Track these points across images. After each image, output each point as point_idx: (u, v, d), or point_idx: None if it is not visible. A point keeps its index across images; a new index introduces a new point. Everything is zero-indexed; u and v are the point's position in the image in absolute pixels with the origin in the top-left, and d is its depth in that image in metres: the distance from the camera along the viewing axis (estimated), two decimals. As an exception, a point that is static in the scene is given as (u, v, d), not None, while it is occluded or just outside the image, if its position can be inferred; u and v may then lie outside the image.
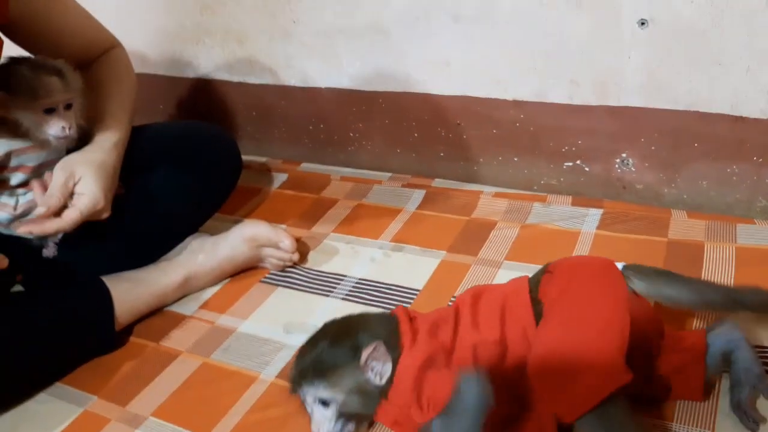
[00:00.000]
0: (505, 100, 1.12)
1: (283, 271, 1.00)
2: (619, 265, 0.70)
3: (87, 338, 0.85)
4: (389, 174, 1.27)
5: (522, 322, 0.66)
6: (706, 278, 0.84)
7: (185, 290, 0.96)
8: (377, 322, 0.70)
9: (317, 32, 1.24)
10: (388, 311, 0.74)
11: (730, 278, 0.86)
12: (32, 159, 0.87)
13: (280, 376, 0.80)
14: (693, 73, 0.96)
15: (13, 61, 0.85)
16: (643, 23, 0.95)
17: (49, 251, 0.87)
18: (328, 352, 0.66)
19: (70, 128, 0.84)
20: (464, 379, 0.60)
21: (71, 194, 0.84)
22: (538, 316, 0.66)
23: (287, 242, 0.96)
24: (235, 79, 1.39)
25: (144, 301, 0.91)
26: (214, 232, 1.02)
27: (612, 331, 0.62)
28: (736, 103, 0.95)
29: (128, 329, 0.90)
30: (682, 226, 0.98)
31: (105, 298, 0.86)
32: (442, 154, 1.24)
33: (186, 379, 0.82)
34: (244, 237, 0.97)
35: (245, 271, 1.01)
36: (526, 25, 1.04)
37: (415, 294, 0.92)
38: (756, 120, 0.94)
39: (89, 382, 0.83)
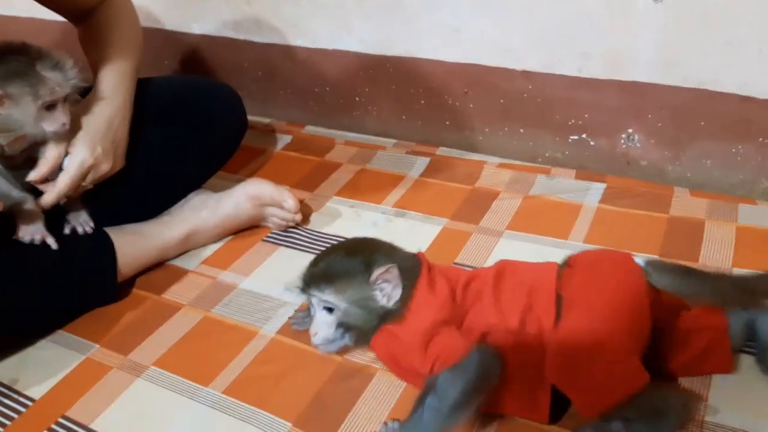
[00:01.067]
0: (514, 71, 1.12)
1: (285, 231, 1.01)
2: (640, 261, 0.68)
3: (89, 288, 0.86)
4: (394, 140, 1.27)
5: (542, 318, 0.66)
6: (726, 271, 0.83)
7: (187, 245, 0.96)
8: (400, 252, 0.73)
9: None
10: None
11: (729, 257, 0.87)
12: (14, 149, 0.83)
13: (280, 332, 0.82)
14: (704, 51, 0.95)
15: (7, 49, 0.79)
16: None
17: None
18: (341, 261, 0.69)
19: (67, 123, 0.81)
20: (483, 349, 0.63)
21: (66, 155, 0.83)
22: (557, 311, 0.66)
23: (291, 202, 0.97)
24: (242, 37, 1.38)
25: (146, 253, 0.91)
26: (217, 190, 1.02)
27: (631, 333, 0.63)
28: (745, 83, 0.95)
29: (130, 281, 0.91)
30: (684, 204, 0.98)
31: (108, 249, 0.87)
32: (447, 123, 1.24)
33: (187, 331, 0.83)
34: (247, 195, 0.97)
35: (247, 229, 1.01)
36: (539, -6, 1.03)
37: (416, 259, 0.93)
38: (764, 101, 0.94)
39: (91, 331, 0.84)
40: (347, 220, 1.03)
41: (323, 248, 0.96)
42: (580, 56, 1.05)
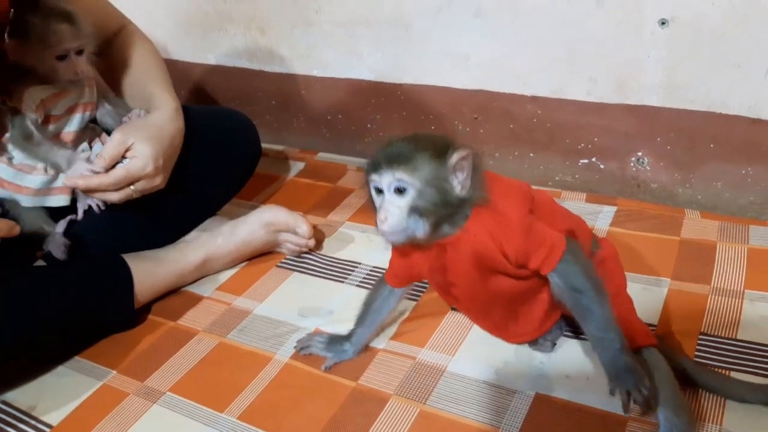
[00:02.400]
0: (523, 96, 1.13)
1: (298, 256, 1.02)
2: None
3: (107, 314, 0.88)
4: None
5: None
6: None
7: (203, 271, 0.98)
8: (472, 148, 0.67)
9: (339, 22, 1.25)
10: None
11: (742, 279, 0.87)
12: (63, 105, 0.89)
13: (294, 357, 0.82)
14: (712, 74, 0.96)
15: (25, 7, 0.85)
16: (663, 23, 0.96)
17: (60, 227, 0.90)
18: (416, 143, 0.64)
19: (81, 72, 0.87)
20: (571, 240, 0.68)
21: (123, 157, 0.87)
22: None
23: (304, 228, 0.98)
24: (256, 67, 1.41)
25: (163, 280, 0.93)
26: (232, 216, 1.04)
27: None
28: (754, 105, 0.95)
29: (147, 307, 0.93)
30: (696, 226, 0.98)
31: (125, 275, 0.89)
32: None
33: (203, 357, 0.84)
34: (262, 221, 0.99)
35: (262, 255, 1.03)
36: (547, 20, 1.05)
37: (427, 283, 0.93)
38: (773, 123, 0.95)
39: (108, 357, 0.86)
40: (360, 244, 1.05)
41: (336, 273, 0.98)
42: (589, 80, 1.06)
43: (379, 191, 0.64)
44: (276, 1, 1.30)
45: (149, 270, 0.91)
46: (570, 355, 0.78)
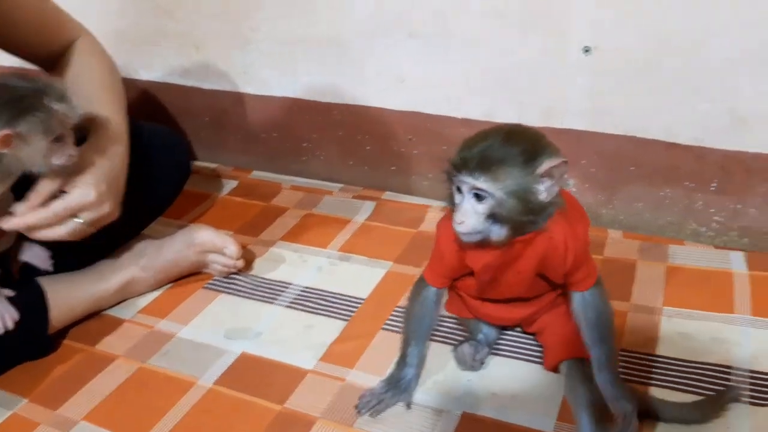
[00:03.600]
0: (455, 118, 1.15)
1: (227, 277, 1.00)
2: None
3: (18, 341, 0.82)
4: (341, 185, 1.28)
5: None
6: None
7: (124, 294, 0.94)
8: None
9: (276, 41, 1.24)
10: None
11: (660, 296, 0.90)
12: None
13: (219, 381, 0.80)
14: (632, 99, 1.01)
15: (12, 82, 0.74)
16: (587, 50, 1.00)
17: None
18: (501, 147, 0.61)
19: (74, 155, 0.78)
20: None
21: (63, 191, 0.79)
22: None
23: (232, 248, 0.96)
24: (190, 83, 1.38)
25: (80, 304, 0.89)
26: (158, 236, 1.00)
27: None
28: (670, 130, 1.00)
29: (62, 332, 0.88)
30: (617, 246, 1.02)
31: (39, 300, 0.84)
32: (393, 168, 1.26)
33: (120, 383, 0.80)
34: (188, 242, 0.96)
35: (189, 276, 1.00)
36: (478, 46, 1.07)
37: (360, 302, 0.93)
38: (688, 147, 1.00)
39: (19, 385, 0.81)
40: (291, 265, 1.03)
41: (266, 294, 0.96)
42: (518, 105, 1.09)
43: (460, 189, 0.63)
44: (211, 19, 1.28)
45: (66, 294, 0.87)
46: (496, 373, 0.79)
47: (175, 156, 1.10)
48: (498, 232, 0.64)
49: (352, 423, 0.73)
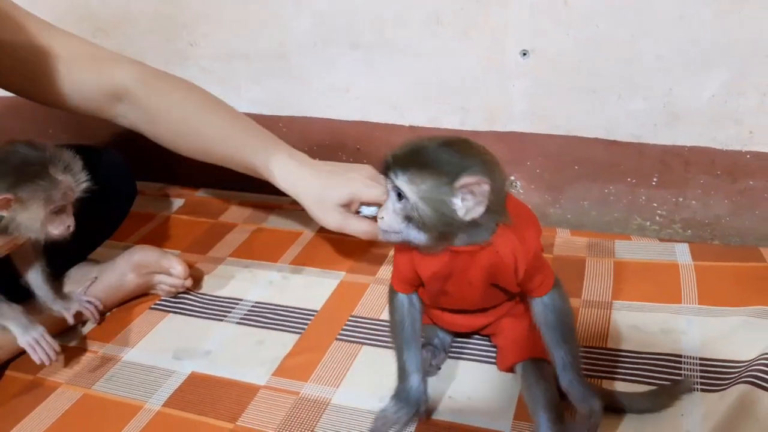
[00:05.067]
0: (401, 126, 1.16)
1: (175, 297, 0.97)
2: None
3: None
4: (291, 199, 1.26)
5: None
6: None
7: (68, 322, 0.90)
8: (498, 170, 0.63)
9: (216, 56, 1.23)
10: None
11: (609, 290, 0.91)
12: None
13: (167, 404, 0.77)
14: (570, 100, 1.03)
15: (20, 149, 0.75)
16: (524, 54, 1.02)
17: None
18: (431, 151, 0.61)
19: (72, 226, 0.79)
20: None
21: None
22: None
23: (178, 268, 0.93)
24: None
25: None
26: (103, 260, 0.97)
27: None
28: (609, 127, 1.03)
29: (3, 364, 0.84)
30: (566, 244, 1.03)
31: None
32: (342, 179, 1.25)
33: (64, 411, 0.77)
34: (131, 264, 0.93)
35: (135, 298, 0.96)
36: (419, 54, 1.08)
37: (313, 314, 0.91)
38: (627, 143, 1.02)
39: (-46, 422, 0.76)
40: (241, 281, 1.01)
41: (215, 312, 0.93)
42: (461, 110, 1.10)
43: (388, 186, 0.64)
44: (147, 36, 1.26)
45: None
46: (451, 376, 0.78)
47: (118, 177, 1.06)
48: (417, 237, 0.63)
49: (307, 436, 0.71)
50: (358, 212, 0.89)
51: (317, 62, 1.16)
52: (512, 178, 1.13)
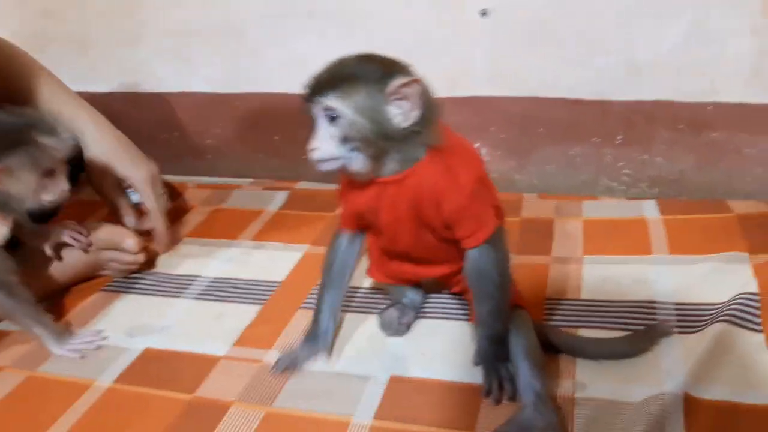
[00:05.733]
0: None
1: (127, 277, 0.91)
2: None
3: None
4: (251, 180, 1.22)
5: None
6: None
7: None
8: (428, 84, 0.62)
9: (168, 33, 1.18)
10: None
11: (579, 247, 0.89)
12: None
13: (119, 380, 0.71)
14: (533, 59, 1.01)
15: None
16: (484, 13, 1.00)
17: None
18: (352, 65, 0.59)
19: (67, 189, 0.77)
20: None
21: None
22: None
23: (130, 242, 0.88)
24: (80, 88, 1.29)
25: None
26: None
27: None
28: (572, 86, 1.01)
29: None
30: (534, 206, 1.01)
31: None
32: (305, 156, 1.21)
33: (6, 394, 0.70)
34: None
35: (84, 281, 0.91)
36: (377, 20, 1.06)
37: (275, 286, 0.87)
38: (591, 102, 1.01)
39: None
40: (200, 258, 0.96)
41: (171, 289, 0.88)
42: (422, 75, 1.08)
43: (313, 117, 0.60)
44: (97, 18, 1.21)
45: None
46: (424, 334, 0.75)
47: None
48: (357, 161, 0.59)
49: (271, 402, 0.66)
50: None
51: (273, 35, 1.13)
52: (477, 144, 1.11)
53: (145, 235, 0.93)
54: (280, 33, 1.12)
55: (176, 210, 1.11)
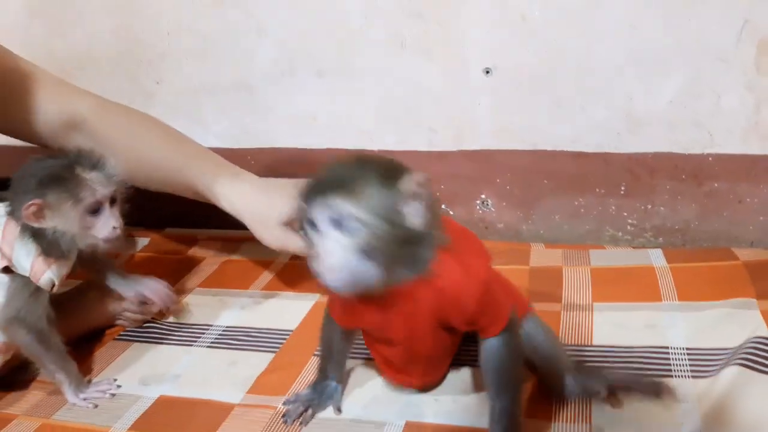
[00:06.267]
0: (371, 150, 1.16)
1: (140, 327, 0.92)
2: None
3: None
4: (260, 232, 1.24)
5: None
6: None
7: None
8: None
9: (181, 91, 1.23)
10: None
11: (589, 294, 0.90)
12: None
13: (134, 427, 0.71)
14: (535, 114, 1.05)
15: (45, 156, 0.76)
16: (488, 71, 1.05)
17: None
18: (354, 168, 0.52)
19: (119, 227, 0.76)
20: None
21: None
22: None
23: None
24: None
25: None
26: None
27: None
28: (574, 139, 1.05)
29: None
30: (542, 255, 1.03)
31: None
32: (313, 210, 1.24)
33: (19, 443, 0.70)
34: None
35: (98, 329, 0.91)
36: (383, 76, 1.10)
37: (288, 334, 0.87)
38: (594, 154, 1.04)
39: None
40: (211, 308, 0.96)
41: (184, 338, 0.89)
42: (429, 131, 1.12)
43: (314, 226, 0.52)
44: (111, 76, 1.25)
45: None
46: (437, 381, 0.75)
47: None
48: (371, 273, 0.52)
49: (286, 447, 0.66)
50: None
51: (283, 92, 1.17)
52: (483, 196, 1.13)
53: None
54: (289, 90, 1.17)
55: (187, 261, 1.13)
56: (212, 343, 0.87)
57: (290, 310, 0.93)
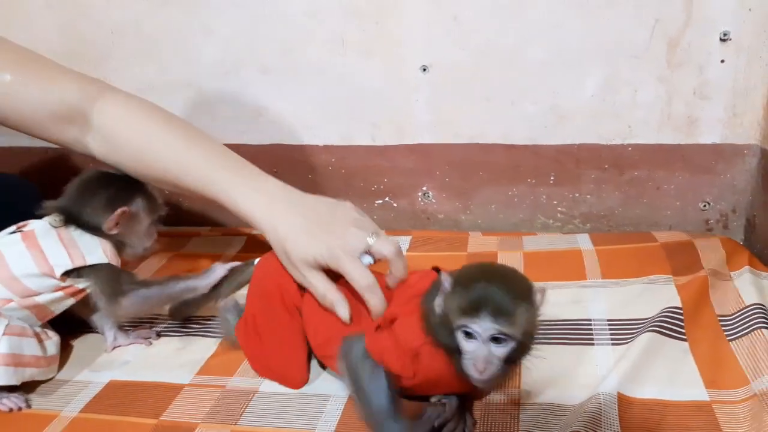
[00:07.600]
0: (316, 146, 1.20)
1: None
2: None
3: None
4: (209, 228, 1.26)
5: None
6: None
7: None
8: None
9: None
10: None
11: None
12: None
13: (85, 410, 0.73)
14: (468, 109, 1.11)
15: (104, 175, 0.85)
16: (425, 69, 1.10)
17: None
18: (506, 290, 0.59)
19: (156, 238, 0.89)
20: None
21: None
22: None
23: None
24: (38, 144, 1.32)
25: None
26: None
27: None
28: (506, 132, 1.11)
29: None
30: (479, 242, 1.09)
31: None
32: (260, 205, 1.27)
33: (-36, 431, 0.71)
34: None
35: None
36: (326, 74, 1.14)
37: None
38: (524, 146, 1.11)
39: None
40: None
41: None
42: (372, 126, 1.17)
43: (469, 335, 0.60)
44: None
45: None
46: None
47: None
48: (504, 370, 0.61)
49: (236, 422, 0.69)
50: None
51: (229, 90, 1.20)
52: (424, 188, 1.19)
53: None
54: (235, 88, 1.19)
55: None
56: (160, 332, 0.89)
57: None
